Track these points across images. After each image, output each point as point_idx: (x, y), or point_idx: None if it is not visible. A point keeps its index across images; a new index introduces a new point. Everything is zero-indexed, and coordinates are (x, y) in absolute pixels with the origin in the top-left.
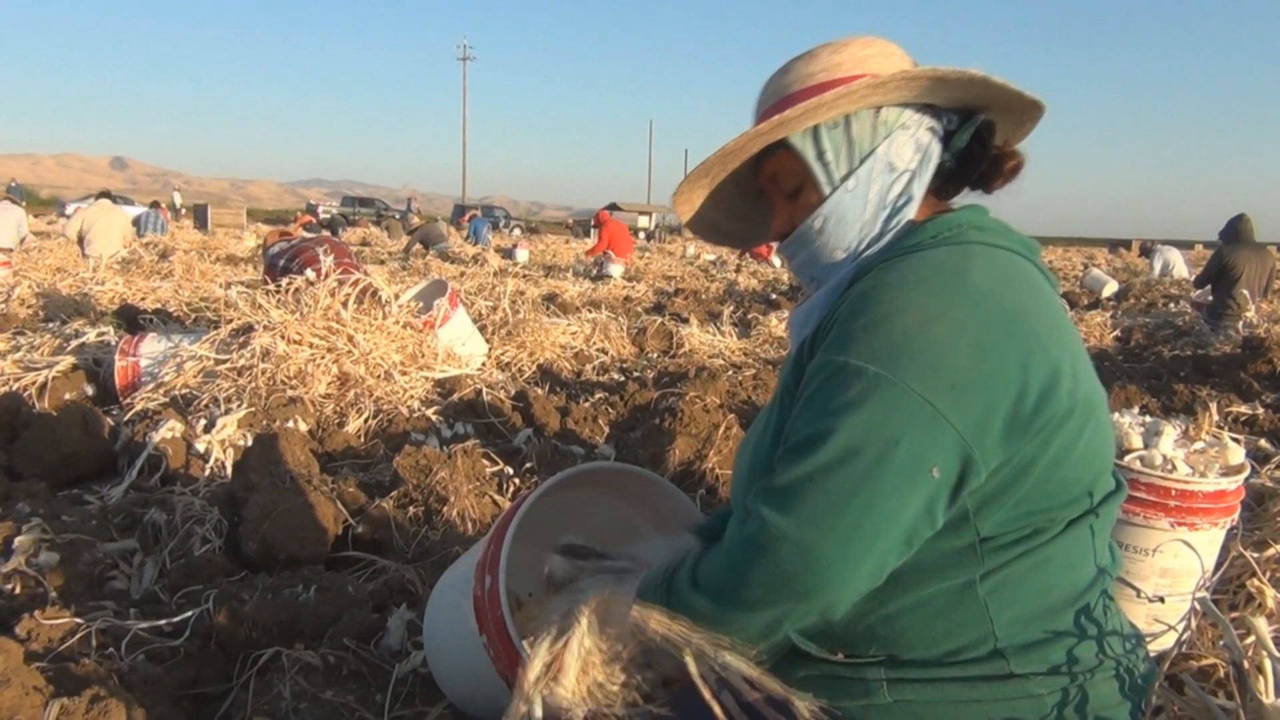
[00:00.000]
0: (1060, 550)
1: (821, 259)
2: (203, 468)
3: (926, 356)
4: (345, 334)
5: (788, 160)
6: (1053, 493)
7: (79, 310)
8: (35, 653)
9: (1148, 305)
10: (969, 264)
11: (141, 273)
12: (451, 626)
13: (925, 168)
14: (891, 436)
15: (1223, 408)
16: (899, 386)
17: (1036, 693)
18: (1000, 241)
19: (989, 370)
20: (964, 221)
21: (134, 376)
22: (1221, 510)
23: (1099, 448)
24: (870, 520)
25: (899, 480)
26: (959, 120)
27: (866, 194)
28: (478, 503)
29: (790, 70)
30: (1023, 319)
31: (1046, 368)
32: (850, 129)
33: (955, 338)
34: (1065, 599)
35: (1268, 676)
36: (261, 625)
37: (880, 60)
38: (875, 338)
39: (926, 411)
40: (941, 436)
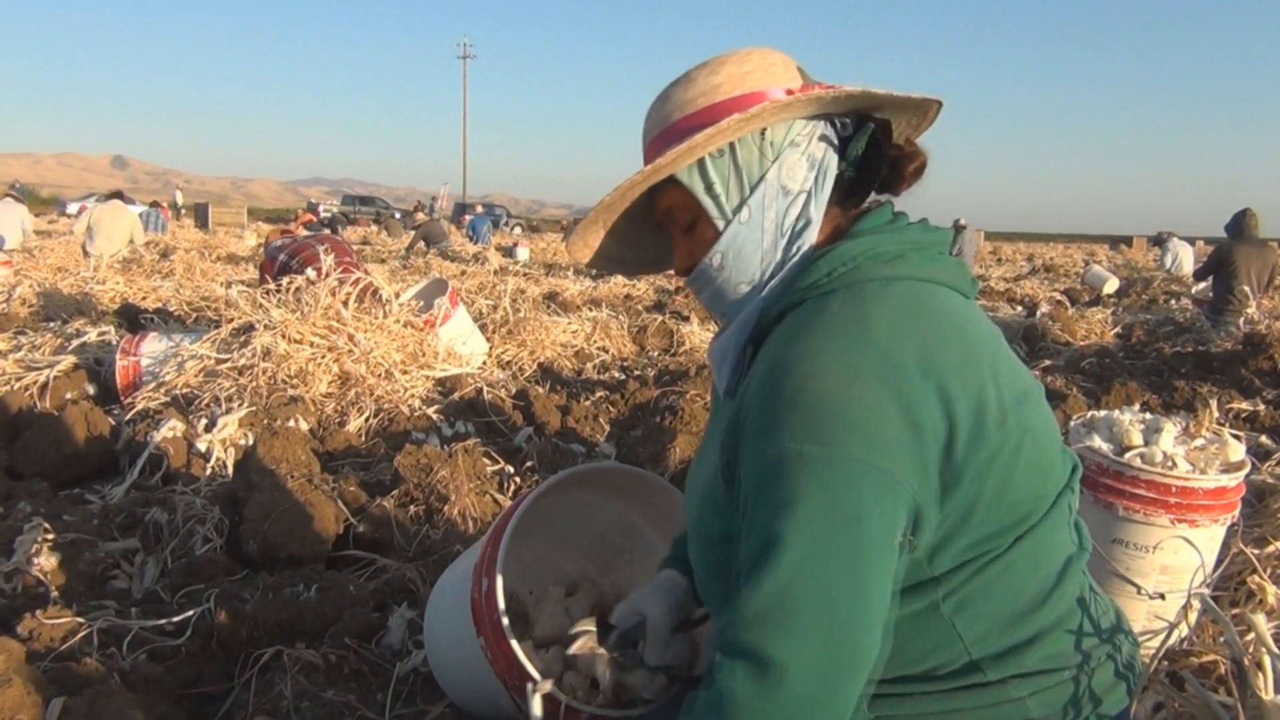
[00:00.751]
0: (1021, 555)
1: (727, 295)
2: (204, 467)
3: (858, 421)
4: (346, 333)
5: (678, 195)
6: (1002, 517)
7: (80, 309)
8: (37, 652)
9: (1149, 302)
10: (868, 313)
11: (142, 272)
12: (451, 626)
13: (822, 184)
14: (855, 513)
15: (1223, 404)
16: (843, 459)
17: (1015, 696)
18: (896, 271)
19: (918, 420)
20: (858, 253)
21: (135, 376)
22: (1222, 507)
23: (1040, 457)
24: (865, 602)
25: (876, 553)
26: (854, 124)
27: (762, 222)
28: (478, 501)
29: (669, 98)
30: (934, 359)
31: (969, 403)
32: (737, 156)
33: (876, 394)
34: (1035, 598)
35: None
36: (263, 624)
37: (760, 76)
38: (801, 414)
39: (878, 476)
40: (898, 496)
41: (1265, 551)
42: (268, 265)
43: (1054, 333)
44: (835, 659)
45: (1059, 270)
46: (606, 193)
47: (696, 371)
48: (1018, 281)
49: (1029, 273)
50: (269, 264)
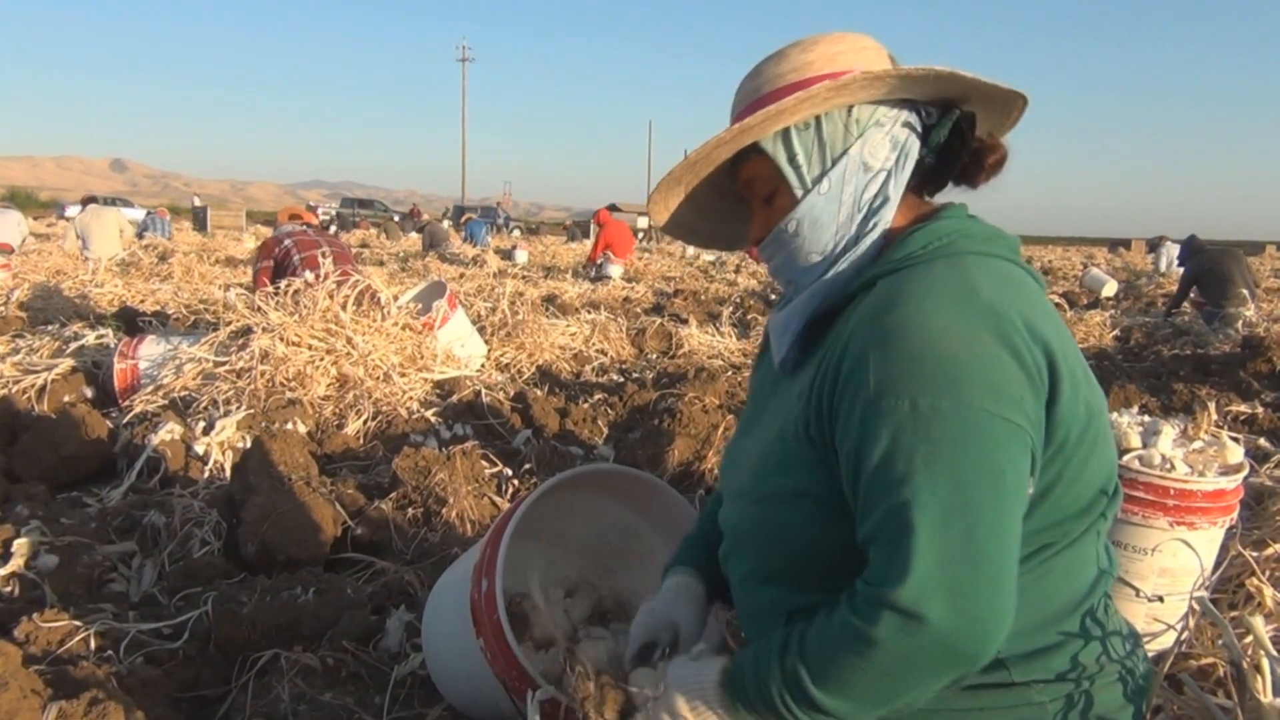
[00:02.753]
0: (1064, 560)
1: (797, 262)
2: (202, 470)
3: (985, 375)
4: (344, 336)
5: (761, 164)
6: (1067, 506)
7: (78, 313)
8: (34, 655)
9: (1147, 305)
10: (974, 278)
11: (141, 275)
12: (449, 629)
13: (903, 166)
14: (996, 467)
15: (1222, 407)
16: (980, 412)
17: (1038, 700)
18: (989, 249)
19: (1034, 376)
20: (951, 230)
21: (133, 379)
22: (1220, 509)
23: (1106, 455)
24: (1009, 556)
25: (1015, 506)
26: (938, 114)
27: (840, 195)
28: (477, 504)
29: (761, 72)
30: (1037, 326)
31: (1068, 369)
32: (821, 130)
33: (998, 350)
34: (1067, 606)
35: (1265, 676)
36: (260, 627)
37: (851, 56)
38: (928, 371)
39: (1011, 430)
40: (1028, 449)
41: (1264, 554)
42: (269, 245)
43: None
44: (986, 616)
45: (1058, 273)
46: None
47: (695, 374)
48: None
49: None
50: (271, 244)
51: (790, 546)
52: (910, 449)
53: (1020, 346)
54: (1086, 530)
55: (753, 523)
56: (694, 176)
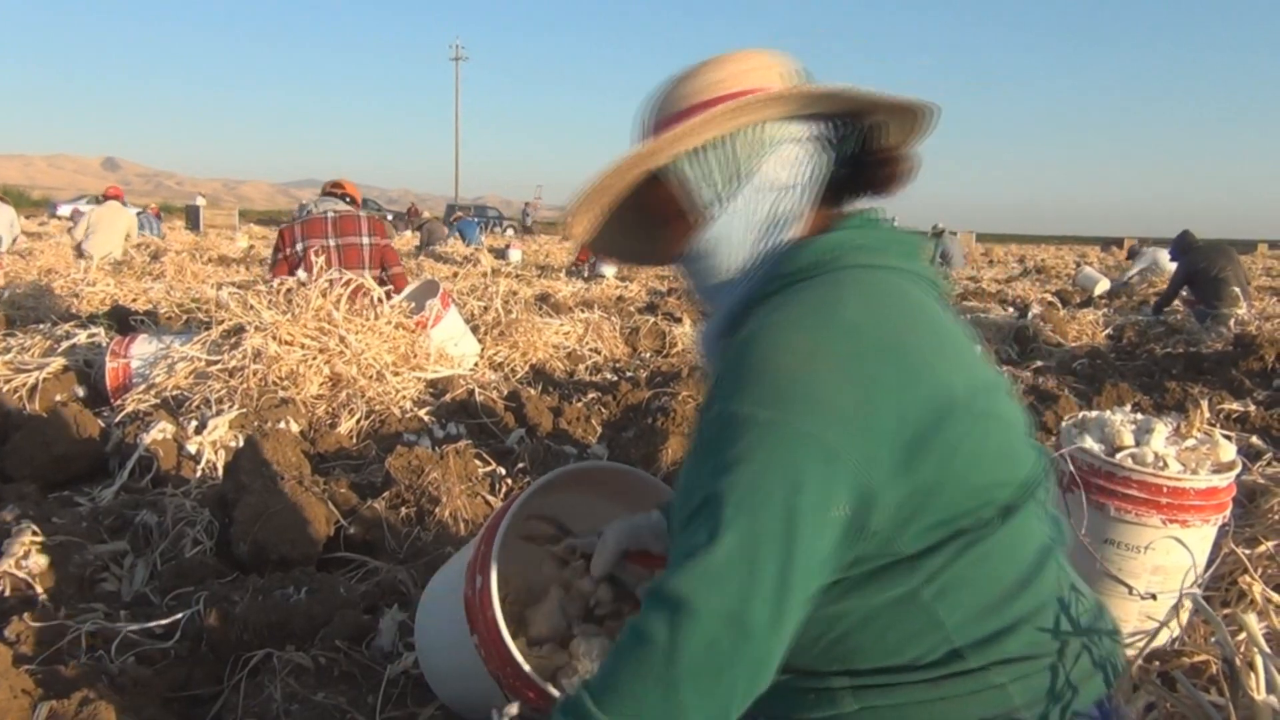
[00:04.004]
0: (998, 542)
1: (711, 282)
2: (194, 469)
3: (812, 394)
4: (337, 334)
5: (672, 184)
6: (967, 499)
7: (70, 311)
8: (24, 655)
9: (1139, 303)
10: (842, 296)
11: (133, 274)
12: (443, 627)
13: (812, 181)
14: (793, 483)
15: (1214, 405)
16: (791, 429)
17: (998, 682)
18: (876, 260)
19: (875, 402)
20: (841, 243)
21: (125, 378)
22: (1213, 507)
23: (1008, 445)
24: (791, 573)
25: (809, 526)
26: (849, 125)
27: (750, 215)
28: (470, 503)
29: (669, 91)
30: (901, 348)
31: (936, 386)
32: (730, 149)
33: (837, 372)
34: (1013, 587)
35: (1259, 673)
36: (252, 627)
37: (759, 75)
38: (760, 383)
39: (822, 450)
40: (840, 472)
41: (1256, 552)
42: (287, 235)
43: (1045, 334)
44: (746, 618)
45: (1050, 271)
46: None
47: (689, 373)
48: (1009, 283)
49: (1020, 274)
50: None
51: None
52: (721, 453)
53: (866, 369)
54: (1010, 512)
55: None
56: (607, 199)
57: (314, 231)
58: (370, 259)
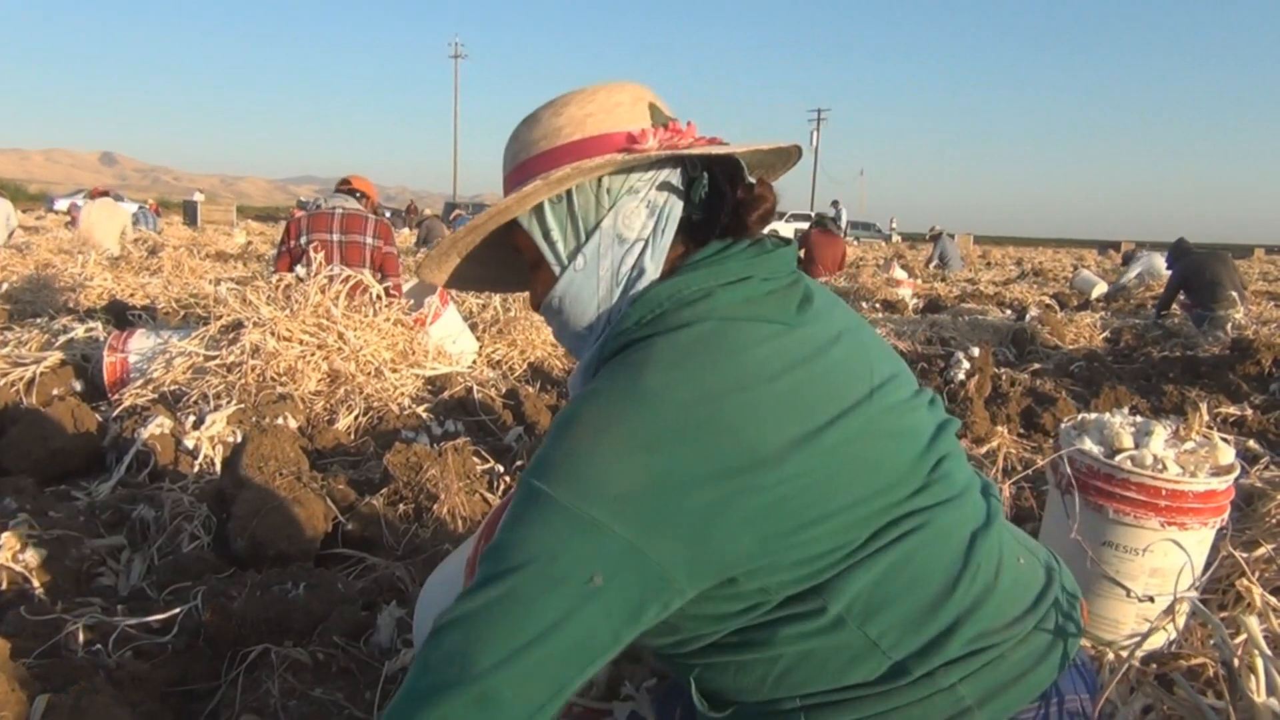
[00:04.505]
0: (913, 547)
1: (568, 334)
2: (192, 464)
3: (590, 471)
4: (335, 331)
5: (524, 234)
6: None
7: (68, 306)
8: (22, 649)
9: (1136, 307)
10: (646, 364)
11: (130, 269)
12: None
13: (662, 232)
14: (550, 550)
15: (1211, 408)
16: (558, 504)
17: (946, 684)
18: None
19: (662, 473)
20: (665, 297)
21: (123, 372)
22: (1211, 510)
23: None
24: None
25: (557, 591)
26: (701, 166)
27: (597, 270)
28: (468, 500)
29: (517, 136)
30: (711, 403)
31: (750, 439)
32: (573, 204)
33: (622, 447)
34: (943, 586)
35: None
36: (250, 622)
37: (602, 118)
38: (551, 456)
39: (584, 523)
40: (603, 545)
41: (1254, 555)
42: (293, 227)
43: (1043, 336)
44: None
45: (1048, 274)
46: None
47: None
48: (1007, 285)
49: (1018, 277)
50: (294, 225)
51: None
52: (507, 515)
53: (659, 442)
54: (914, 515)
55: None
56: (464, 248)
57: (319, 226)
58: (371, 260)
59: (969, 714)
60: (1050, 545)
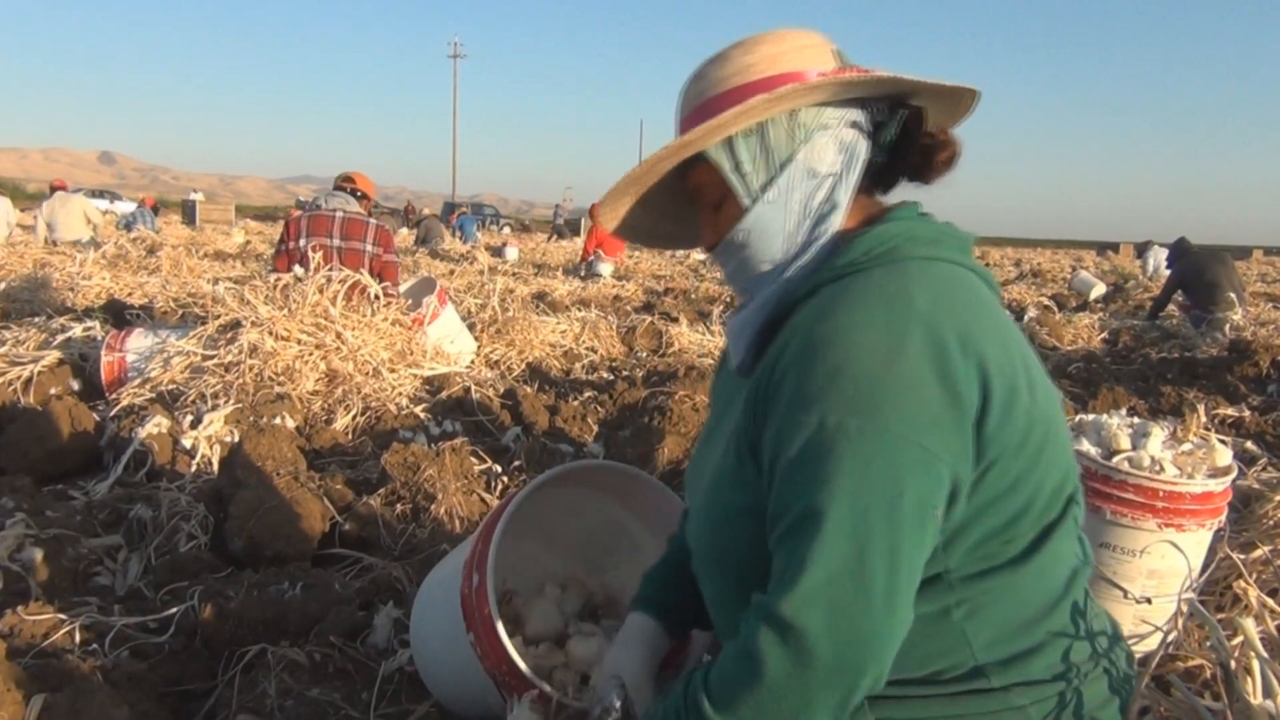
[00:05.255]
0: (1032, 565)
1: (749, 271)
2: (189, 464)
3: (901, 396)
4: (334, 330)
5: (707, 172)
6: (1016, 514)
7: (66, 305)
8: (18, 649)
9: (1135, 308)
10: (910, 287)
11: (129, 268)
12: (438, 624)
13: (851, 169)
14: (895, 490)
15: (1209, 410)
16: (886, 434)
17: (1019, 703)
18: (935, 252)
19: (959, 394)
20: (896, 234)
21: (120, 372)
22: (1209, 512)
23: (1060, 453)
24: (899, 579)
25: (912, 532)
26: (887, 110)
27: (788, 203)
28: (466, 500)
29: (704, 75)
30: (974, 338)
31: (1005, 383)
32: (766, 136)
33: (920, 370)
34: (1041, 609)
35: (1256, 678)
36: (247, 622)
37: (793, 57)
38: (844, 387)
39: (919, 454)
40: (938, 474)
41: (1251, 556)
42: (292, 228)
43: (1041, 337)
44: (866, 635)
45: (1046, 276)
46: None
47: (685, 372)
48: (1005, 286)
49: (1017, 278)
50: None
51: (748, 569)
52: (815, 465)
53: (948, 362)
54: (1052, 531)
55: (709, 545)
56: (640, 187)
57: (318, 229)
58: (370, 268)
59: None
60: None
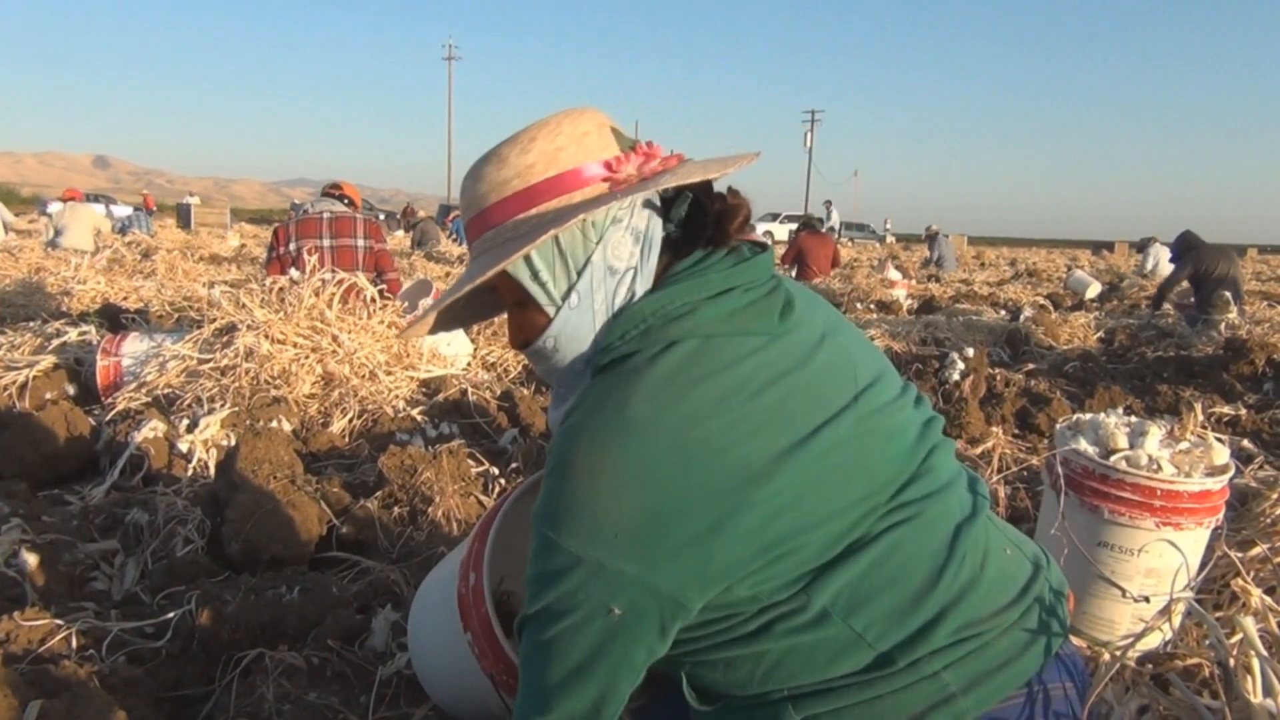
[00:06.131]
0: (894, 542)
1: (562, 372)
2: (185, 468)
3: (587, 514)
4: (330, 333)
5: (505, 278)
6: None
7: (61, 309)
8: (15, 654)
9: (1131, 307)
10: (629, 394)
11: (124, 272)
12: (436, 627)
13: (648, 255)
14: (572, 597)
15: (1206, 408)
16: (566, 551)
17: (930, 671)
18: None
19: (659, 506)
20: (648, 314)
21: (116, 376)
22: (1206, 510)
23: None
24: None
25: (585, 633)
26: (673, 190)
27: (593, 305)
28: (463, 503)
29: (482, 177)
30: (699, 425)
31: (745, 455)
32: (560, 244)
33: (617, 484)
34: (928, 577)
35: (1255, 676)
36: (244, 626)
37: (574, 150)
38: (554, 504)
39: (591, 566)
40: (612, 582)
41: (1249, 555)
42: (281, 233)
43: (1037, 336)
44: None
45: (1042, 275)
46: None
47: None
48: (1001, 286)
49: (1012, 277)
50: (282, 231)
51: None
52: (532, 569)
53: (653, 472)
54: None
55: None
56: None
57: (308, 231)
58: (364, 262)
59: (953, 700)
60: (1045, 545)
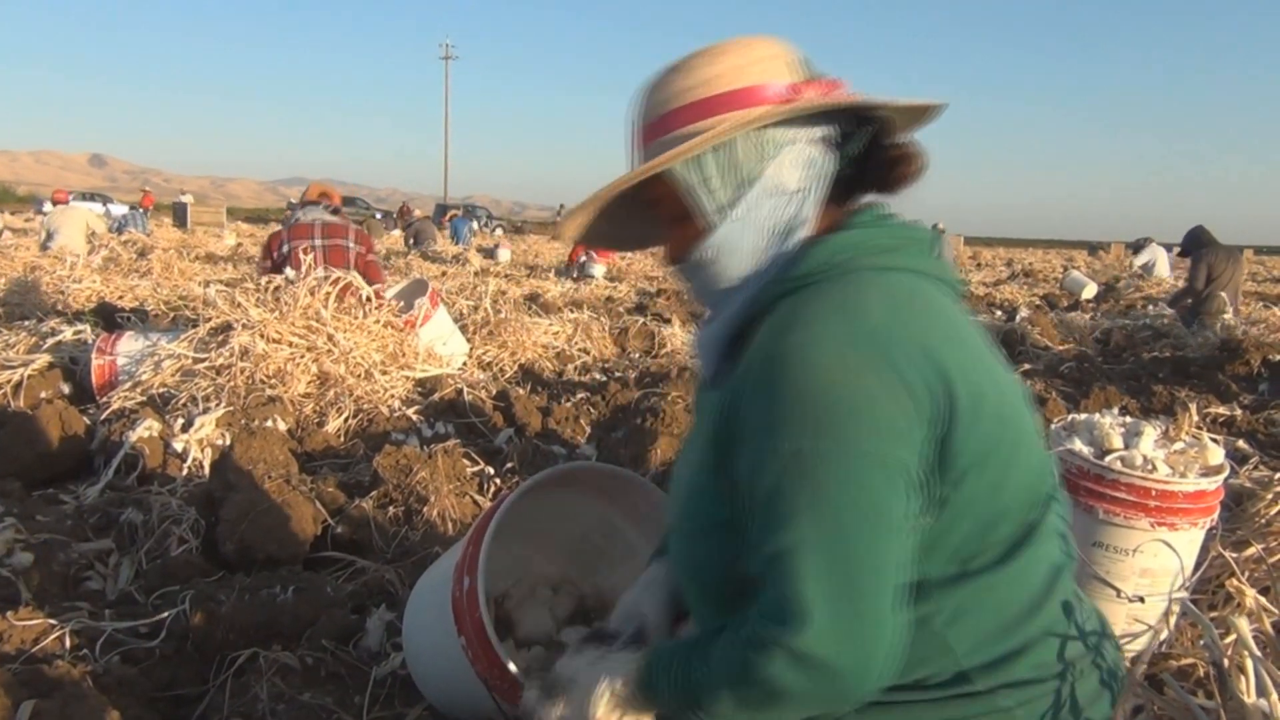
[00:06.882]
0: (1011, 568)
1: (716, 287)
2: (180, 467)
3: (868, 413)
4: (325, 333)
5: (672, 186)
6: (993, 520)
7: (56, 308)
8: (8, 654)
9: (1126, 307)
10: (865, 300)
11: (120, 271)
12: (430, 627)
13: (818, 184)
14: (877, 507)
15: (1201, 409)
16: (854, 454)
17: (1004, 705)
18: (890, 261)
19: (922, 404)
20: (852, 243)
21: (111, 375)
22: (1201, 510)
23: (1033, 461)
24: (889, 591)
25: (891, 543)
26: (855, 122)
27: (756, 221)
28: (458, 503)
29: (666, 84)
30: (933, 348)
31: (969, 391)
32: (734, 153)
33: (880, 383)
34: (1024, 610)
35: (1249, 676)
36: (239, 626)
37: (759, 69)
38: (808, 409)
39: (888, 468)
40: (910, 486)
41: (1243, 555)
42: (273, 242)
43: (1034, 337)
44: (876, 653)
45: (1038, 275)
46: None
47: (678, 373)
48: (997, 286)
49: (1008, 278)
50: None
51: (722, 581)
52: (794, 491)
53: (909, 375)
54: (1031, 533)
55: (683, 559)
56: (601, 203)
57: (300, 235)
58: (354, 266)
59: None
60: None
